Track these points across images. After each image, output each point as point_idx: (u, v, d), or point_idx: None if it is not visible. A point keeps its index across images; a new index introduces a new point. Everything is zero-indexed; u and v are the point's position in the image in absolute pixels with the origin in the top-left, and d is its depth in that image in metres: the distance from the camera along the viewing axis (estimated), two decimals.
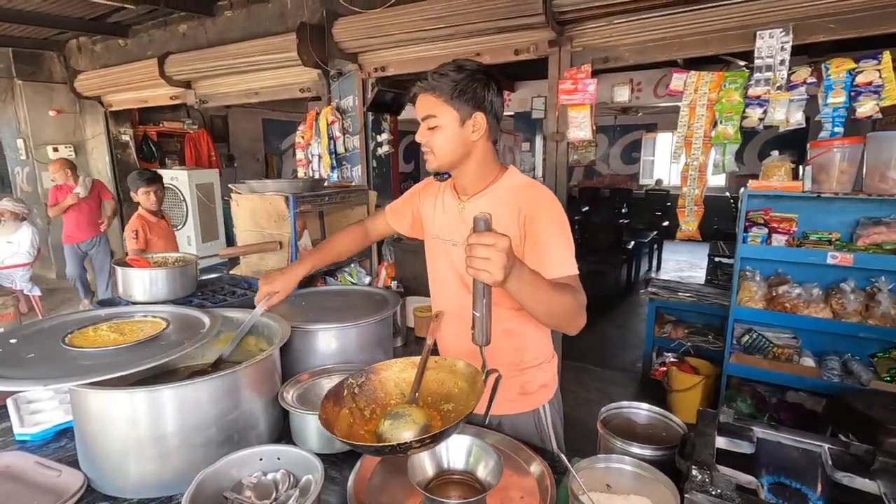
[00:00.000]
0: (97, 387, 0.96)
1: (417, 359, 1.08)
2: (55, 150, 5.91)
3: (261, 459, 0.99)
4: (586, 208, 8.32)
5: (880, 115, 2.36)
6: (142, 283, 1.60)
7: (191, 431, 1.01)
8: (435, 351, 1.19)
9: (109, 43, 5.33)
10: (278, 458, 1.00)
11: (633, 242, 6.17)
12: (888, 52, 2.32)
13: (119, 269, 1.62)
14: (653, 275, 7.05)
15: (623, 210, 8.26)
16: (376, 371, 1.10)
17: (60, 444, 1.20)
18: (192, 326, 1.24)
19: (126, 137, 6.03)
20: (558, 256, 1.10)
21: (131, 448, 0.99)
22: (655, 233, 7.13)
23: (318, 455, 0.99)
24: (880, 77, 2.32)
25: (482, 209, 1.22)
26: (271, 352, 1.15)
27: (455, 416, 0.93)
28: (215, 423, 1.03)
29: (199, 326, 1.23)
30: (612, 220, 6.88)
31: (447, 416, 0.97)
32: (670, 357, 3.31)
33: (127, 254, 2.83)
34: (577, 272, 1.11)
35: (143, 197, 2.94)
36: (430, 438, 0.82)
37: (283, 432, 1.20)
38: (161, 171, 5.65)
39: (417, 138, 1.21)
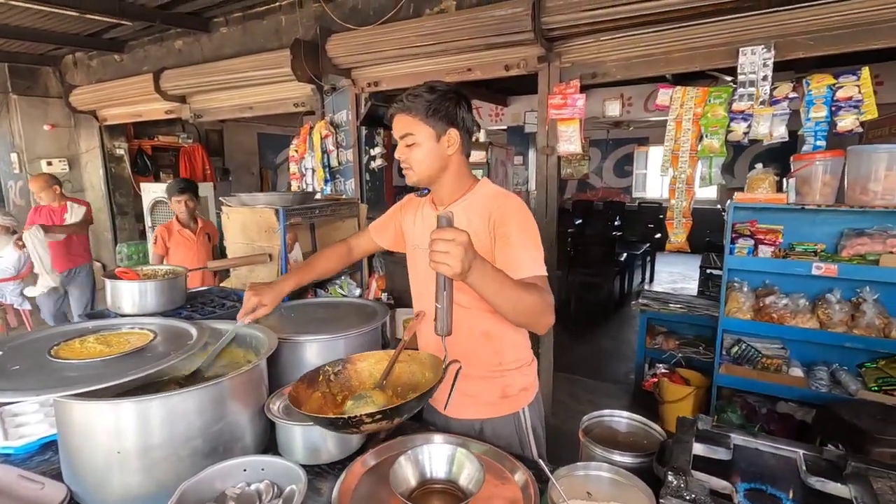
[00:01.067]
0: (82, 398, 0.97)
1: (393, 352, 1.14)
2: (49, 163, 5.92)
3: (245, 470, 0.99)
4: (580, 221, 8.39)
5: (861, 130, 2.42)
6: (130, 295, 1.61)
7: (176, 443, 1.01)
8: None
9: (105, 58, 5.38)
10: (262, 469, 1.00)
11: (625, 254, 6.21)
12: (867, 68, 2.38)
13: (108, 282, 1.62)
14: (646, 286, 7.08)
15: (616, 223, 8.33)
16: (353, 361, 1.17)
17: (45, 457, 1.20)
18: (179, 338, 1.25)
19: (121, 151, 6.04)
20: (526, 257, 1.15)
21: (115, 460, 0.99)
22: (648, 245, 7.18)
23: (304, 466, 0.99)
24: (860, 92, 2.38)
25: (459, 216, 1.27)
26: (258, 363, 1.16)
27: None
28: (201, 434, 1.03)
29: (187, 338, 1.24)
30: (606, 233, 6.94)
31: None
32: (662, 368, 3.33)
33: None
34: (545, 273, 1.15)
35: (175, 205, 3.10)
36: (381, 414, 0.87)
37: (269, 444, 1.20)
38: (156, 185, 5.70)
39: (397, 155, 1.28)
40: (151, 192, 5.56)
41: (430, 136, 1.23)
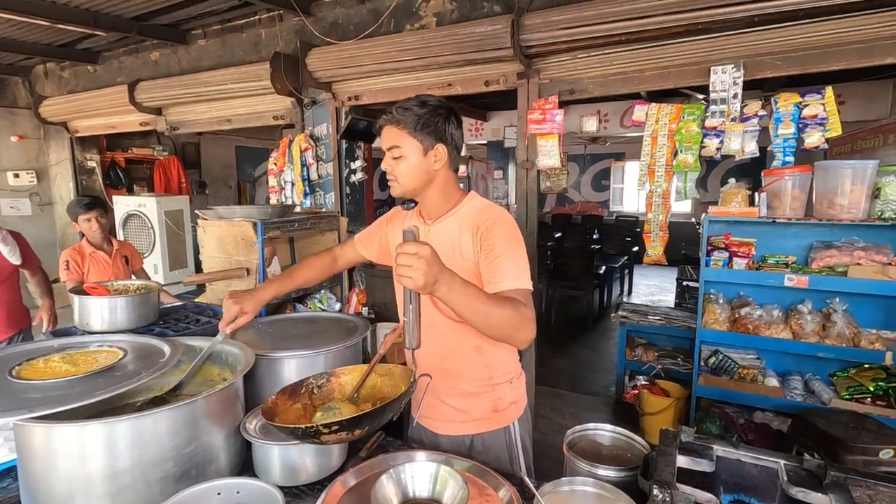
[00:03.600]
0: (44, 421, 0.92)
1: (377, 365, 1.15)
2: (16, 175, 5.73)
3: (219, 494, 0.95)
4: (559, 234, 8.47)
5: (826, 146, 2.51)
6: (99, 311, 1.55)
7: (146, 467, 0.96)
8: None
9: (78, 69, 5.26)
10: (238, 493, 0.96)
11: (604, 267, 6.29)
12: (831, 87, 2.48)
13: (76, 298, 1.56)
14: (624, 299, 7.18)
15: (594, 236, 8.44)
16: (337, 374, 1.18)
17: (3, 484, 1.13)
18: (151, 356, 1.20)
19: (92, 164, 5.89)
20: (509, 270, 1.15)
21: (79, 487, 0.93)
22: (626, 258, 7.29)
23: (282, 488, 0.96)
24: (824, 110, 2.48)
25: (446, 230, 1.27)
26: (233, 381, 1.12)
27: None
28: (172, 457, 0.99)
29: (159, 356, 1.19)
30: (584, 246, 7.01)
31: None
32: (642, 380, 3.35)
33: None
34: (529, 287, 1.15)
35: (83, 225, 2.67)
36: (338, 425, 0.87)
37: (245, 465, 1.16)
38: (128, 198, 5.56)
39: (383, 167, 1.28)
40: (124, 205, 5.42)
41: (418, 149, 1.22)
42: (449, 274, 0.93)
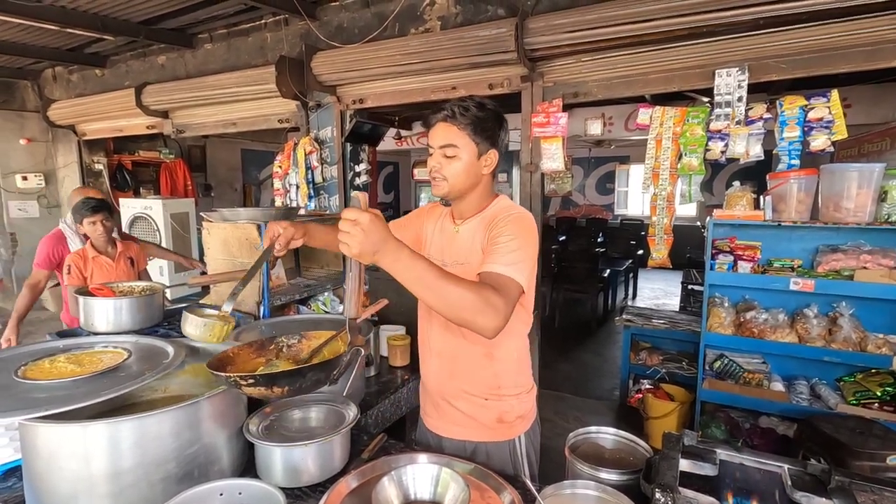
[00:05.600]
0: (48, 421, 0.92)
1: (345, 333, 1.12)
2: (24, 178, 5.79)
3: (221, 495, 0.95)
4: (563, 237, 8.46)
5: (832, 149, 2.50)
6: (104, 313, 1.56)
7: (149, 467, 0.97)
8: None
9: (86, 73, 5.32)
10: (240, 494, 0.96)
11: (608, 271, 6.27)
12: (836, 90, 2.47)
13: (81, 299, 1.57)
14: (629, 302, 7.15)
15: (599, 239, 8.42)
16: (309, 337, 1.21)
17: (8, 483, 1.14)
18: (155, 357, 1.21)
19: (100, 166, 5.95)
20: (503, 256, 1.11)
21: (82, 486, 0.94)
22: (630, 261, 7.26)
23: (284, 489, 0.96)
24: (830, 113, 2.47)
25: (473, 231, 1.27)
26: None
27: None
28: (175, 457, 0.99)
29: (163, 356, 1.20)
30: (589, 249, 6.99)
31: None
32: (646, 384, 3.33)
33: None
34: (518, 281, 1.08)
35: (88, 228, 2.61)
36: (254, 379, 0.91)
37: (248, 466, 1.16)
38: (135, 201, 5.60)
39: (431, 163, 1.24)
40: (130, 207, 5.47)
41: (473, 152, 1.21)
42: (395, 245, 0.89)
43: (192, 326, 1.22)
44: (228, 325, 1.26)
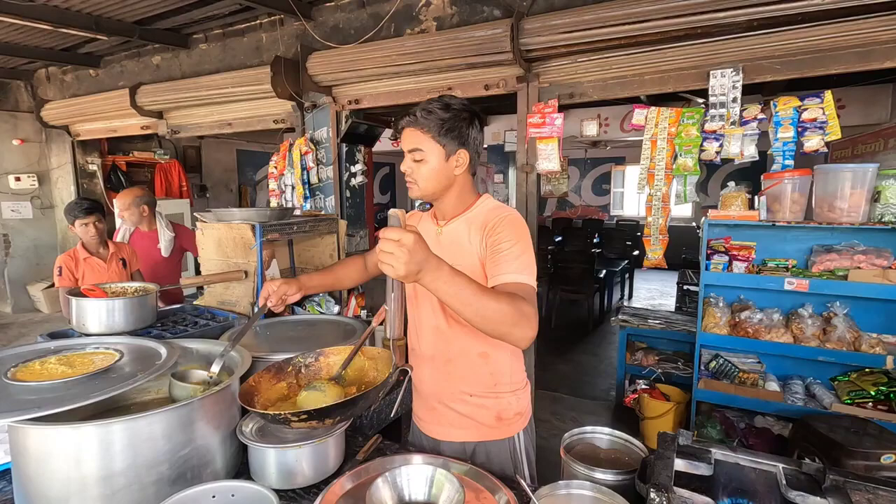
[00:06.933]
0: (39, 423, 0.91)
1: (366, 348, 1.14)
2: (17, 179, 5.76)
3: (214, 497, 0.94)
4: (559, 238, 8.48)
5: (826, 150, 2.51)
6: (96, 313, 1.54)
7: (140, 469, 0.96)
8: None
9: (80, 73, 5.29)
10: (232, 496, 0.95)
11: (605, 271, 6.28)
12: (830, 91, 2.48)
13: (73, 300, 1.56)
14: (625, 303, 7.16)
15: (595, 240, 8.44)
16: (326, 354, 1.17)
17: None
18: (147, 358, 1.20)
19: (94, 167, 5.91)
20: (512, 264, 1.12)
21: (73, 489, 0.93)
22: (626, 262, 7.28)
23: (277, 491, 0.95)
24: (824, 114, 2.48)
25: (458, 231, 1.26)
26: (230, 382, 1.11)
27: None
28: (167, 459, 0.99)
29: (156, 358, 1.19)
30: (585, 250, 7.01)
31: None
32: (642, 384, 3.34)
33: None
34: (533, 285, 1.11)
35: (80, 229, 2.58)
36: (307, 414, 0.87)
37: (241, 468, 1.15)
38: None
39: (403, 168, 1.26)
40: None
41: (440, 154, 1.21)
42: (436, 262, 0.88)
43: (180, 390, 1.18)
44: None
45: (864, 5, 2.23)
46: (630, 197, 10.84)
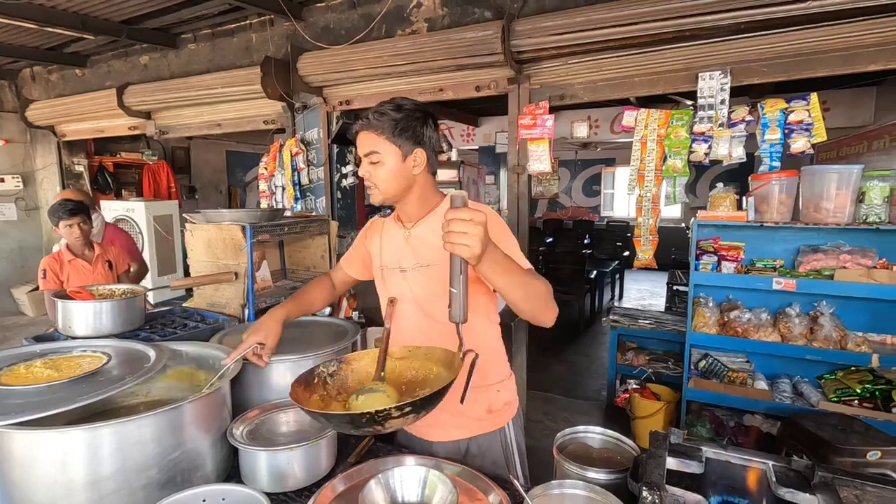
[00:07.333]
0: (24, 427, 0.90)
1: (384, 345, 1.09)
2: (1, 180, 5.66)
3: (204, 501, 0.93)
4: (550, 239, 8.52)
5: (812, 151, 2.55)
6: (83, 316, 1.52)
7: (129, 473, 0.95)
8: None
9: (66, 72, 5.22)
10: (223, 500, 0.94)
11: (595, 272, 6.32)
12: (816, 94, 2.52)
13: (59, 302, 1.53)
14: (615, 303, 7.21)
15: (586, 241, 8.49)
16: (348, 361, 1.12)
17: None
18: (136, 361, 1.18)
19: (80, 168, 5.83)
20: (515, 254, 1.15)
21: (60, 494, 0.91)
22: (617, 262, 7.33)
23: (269, 494, 0.94)
24: (809, 116, 2.52)
25: (427, 232, 1.26)
26: (219, 385, 1.10)
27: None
28: (157, 463, 0.97)
29: (144, 361, 1.18)
30: (576, 251, 7.05)
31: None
32: (633, 384, 3.36)
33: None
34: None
35: (64, 231, 2.54)
36: (411, 406, 0.80)
37: (232, 471, 1.14)
38: (116, 203, 5.50)
39: (361, 173, 1.25)
40: (112, 210, 5.37)
41: (397, 155, 1.20)
42: (492, 245, 0.88)
43: None
44: None
45: (848, 10, 2.27)
46: (620, 198, 10.93)
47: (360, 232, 1.52)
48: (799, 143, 2.53)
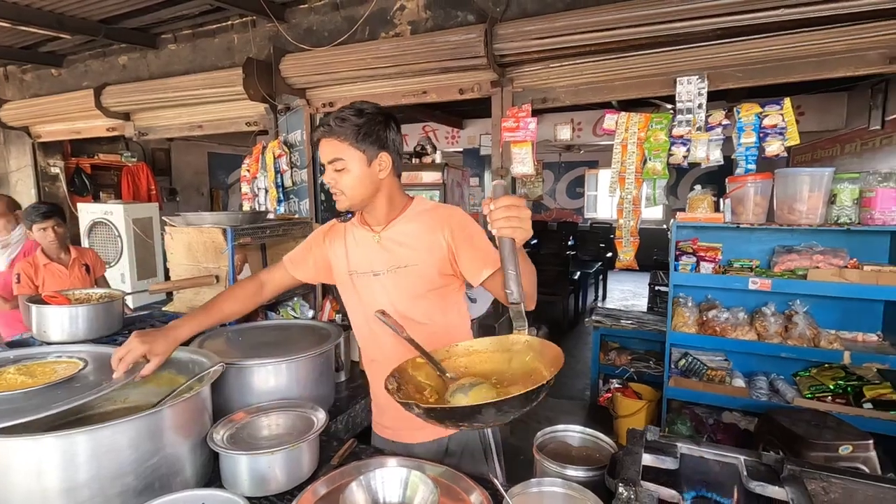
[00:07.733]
0: None
1: (417, 357, 1.01)
2: None
3: None
4: (535, 241, 8.58)
5: (786, 154, 2.62)
6: (59, 321, 1.49)
7: (105, 481, 0.93)
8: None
9: (41, 72, 5.10)
10: None
11: (579, 273, 6.39)
12: (788, 99, 2.60)
13: (33, 307, 1.50)
14: (599, 304, 7.29)
15: (570, 242, 8.57)
16: (402, 372, 0.98)
17: None
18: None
19: (56, 170, 5.69)
20: (488, 246, 1.21)
21: (35, 502, 0.90)
22: (600, 263, 7.42)
23: (250, 499, 0.94)
24: (783, 120, 2.59)
25: (399, 234, 1.27)
26: (198, 391, 1.09)
27: (535, 382, 0.79)
28: (133, 469, 0.96)
29: None
30: (560, 253, 7.12)
31: (514, 390, 0.83)
32: (615, 383, 3.41)
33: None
34: None
35: (38, 234, 2.48)
36: (535, 392, 0.75)
37: (213, 476, 1.13)
38: (94, 206, 5.38)
39: (326, 180, 1.24)
40: (89, 212, 5.24)
41: (361, 160, 1.19)
42: None
43: None
44: None
45: (818, 18, 2.34)
46: (603, 200, 11.06)
47: (315, 234, 1.47)
48: (773, 147, 2.60)
